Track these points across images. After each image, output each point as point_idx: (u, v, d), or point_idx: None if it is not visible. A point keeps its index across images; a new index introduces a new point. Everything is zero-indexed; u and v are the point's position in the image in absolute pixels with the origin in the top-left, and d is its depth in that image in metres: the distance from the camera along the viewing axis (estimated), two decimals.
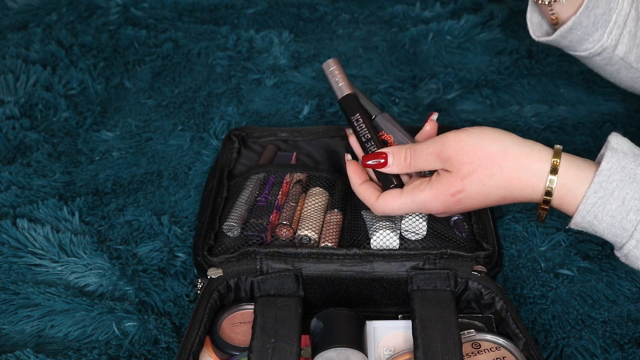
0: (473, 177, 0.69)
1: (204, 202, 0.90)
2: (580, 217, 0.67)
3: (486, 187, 0.69)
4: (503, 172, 0.68)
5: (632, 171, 0.65)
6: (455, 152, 0.69)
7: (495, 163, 0.68)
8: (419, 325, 0.70)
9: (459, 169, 0.69)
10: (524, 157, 0.68)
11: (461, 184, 0.69)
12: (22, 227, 0.87)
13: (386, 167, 0.75)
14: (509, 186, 0.69)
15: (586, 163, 0.68)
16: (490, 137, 0.69)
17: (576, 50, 0.84)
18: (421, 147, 0.73)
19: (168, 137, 1.06)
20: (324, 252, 0.76)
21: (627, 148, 0.67)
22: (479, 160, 0.68)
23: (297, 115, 1.09)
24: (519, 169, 0.68)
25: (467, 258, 0.76)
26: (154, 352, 0.75)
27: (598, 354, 0.74)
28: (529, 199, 0.69)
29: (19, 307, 0.80)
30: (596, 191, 0.66)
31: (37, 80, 1.15)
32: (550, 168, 0.67)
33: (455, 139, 0.70)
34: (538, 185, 0.68)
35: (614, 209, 0.65)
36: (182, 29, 1.29)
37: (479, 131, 0.70)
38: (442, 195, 0.71)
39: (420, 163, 0.73)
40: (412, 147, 0.74)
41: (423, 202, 0.72)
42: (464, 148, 0.69)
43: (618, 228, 0.66)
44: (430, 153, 0.71)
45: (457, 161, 0.69)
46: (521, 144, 0.69)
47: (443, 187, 0.70)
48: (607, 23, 0.80)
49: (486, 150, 0.68)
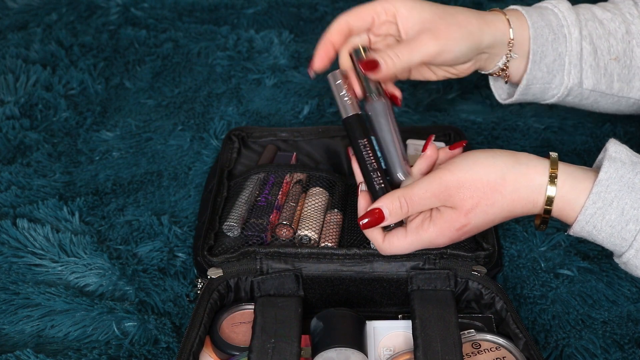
0: (477, 210, 0.68)
1: (204, 202, 0.90)
2: (579, 227, 0.67)
3: (490, 215, 0.69)
4: (504, 197, 0.68)
5: (631, 180, 0.65)
6: (455, 191, 0.68)
7: (495, 191, 0.67)
8: (419, 325, 0.70)
9: (462, 205, 0.68)
10: (522, 177, 0.67)
11: (465, 219, 0.69)
12: (22, 227, 0.87)
13: (384, 222, 0.70)
14: (511, 207, 0.68)
15: (584, 172, 0.68)
16: (485, 165, 0.68)
17: (544, 99, 0.84)
18: (415, 192, 0.69)
19: (168, 137, 1.06)
20: (324, 252, 0.76)
21: (625, 156, 0.67)
22: (480, 192, 0.68)
23: (297, 115, 1.09)
24: (518, 190, 0.67)
25: (467, 258, 0.76)
26: (154, 352, 0.75)
27: (598, 354, 0.74)
28: (530, 213, 0.69)
29: (19, 307, 0.80)
30: (595, 202, 0.65)
31: (37, 80, 1.15)
32: (548, 180, 0.67)
33: (451, 177, 0.68)
34: (538, 199, 0.68)
35: (613, 219, 0.65)
36: (182, 29, 1.29)
37: (472, 162, 0.69)
38: (447, 232, 0.70)
39: (418, 207, 0.70)
40: (405, 194, 0.69)
41: (429, 240, 0.71)
42: (464, 184, 0.68)
43: (617, 238, 0.66)
44: (428, 197, 0.69)
45: (459, 198, 0.68)
46: (516, 164, 0.68)
47: (447, 224, 0.69)
48: (562, 67, 0.81)
49: (484, 180, 0.67)
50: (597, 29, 0.81)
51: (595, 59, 0.81)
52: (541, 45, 0.80)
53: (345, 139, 0.97)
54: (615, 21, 0.81)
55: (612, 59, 0.81)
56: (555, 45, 0.80)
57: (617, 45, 0.81)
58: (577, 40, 0.80)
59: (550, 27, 0.80)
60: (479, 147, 1.02)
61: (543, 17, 0.81)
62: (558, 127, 1.04)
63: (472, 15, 0.78)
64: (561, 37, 0.80)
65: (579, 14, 0.81)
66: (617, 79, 0.82)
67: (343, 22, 0.77)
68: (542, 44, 0.80)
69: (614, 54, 0.81)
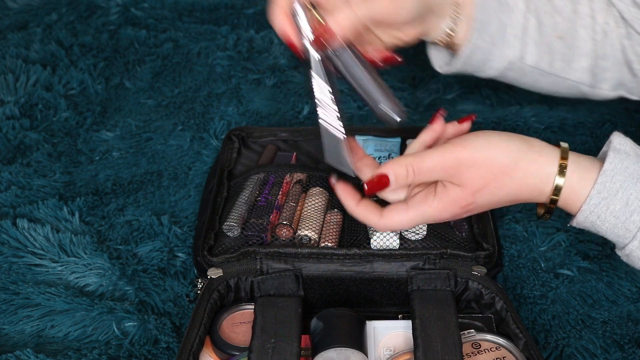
0: (484, 191, 0.67)
1: (204, 202, 0.90)
2: (583, 217, 0.67)
3: (496, 197, 0.68)
4: (513, 181, 0.67)
5: (636, 171, 0.65)
6: (466, 168, 0.67)
7: (506, 174, 0.67)
8: (419, 325, 0.70)
9: (470, 184, 0.67)
10: (533, 164, 0.67)
11: (472, 198, 0.68)
12: (22, 227, 0.87)
13: (389, 187, 0.69)
14: (518, 192, 0.68)
15: (590, 162, 0.68)
16: (500, 147, 0.67)
17: (485, 72, 0.83)
18: (426, 162, 0.68)
19: (168, 137, 1.06)
20: (324, 252, 0.76)
21: (629, 148, 0.67)
22: (491, 174, 0.67)
23: (297, 115, 1.09)
24: (527, 177, 0.67)
25: (467, 258, 0.76)
26: (154, 352, 0.75)
27: (598, 354, 0.74)
28: (535, 200, 0.69)
29: (19, 307, 0.80)
30: (600, 192, 0.65)
31: (37, 80, 1.15)
32: (557, 170, 0.67)
33: (464, 154, 0.67)
34: (545, 188, 0.67)
35: (617, 209, 0.65)
36: (182, 29, 1.29)
37: (487, 142, 0.67)
38: (450, 208, 0.69)
39: (424, 178, 0.69)
40: (414, 162, 0.68)
41: (432, 216, 0.69)
42: (476, 163, 0.66)
43: (621, 229, 0.66)
44: (438, 170, 0.67)
45: (469, 177, 0.67)
46: (529, 151, 0.67)
47: (452, 201, 0.68)
48: (504, 38, 0.79)
49: (497, 162, 0.67)
50: (544, 4, 0.80)
51: (539, 34, 0.80)
52: (485, 13, 0.78)
53: None
54: None
55: (556, 36, 0.80)
56: (499, 15, 0.79)
57: (563, 23, 0.80)
58: (522, 12, 0.79)
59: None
60: None
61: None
62: (558, 127, 1.04)
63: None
64: (506, 7, 0.79)
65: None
66: (560, 57, 0.81)
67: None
68: (487, 12, 0.78)
69: (559, 31, 0.80)
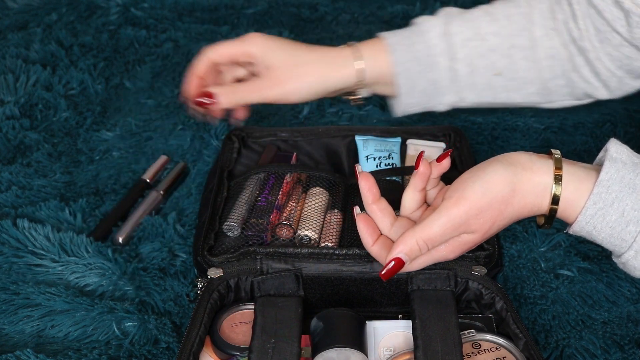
0: (493, 227, 0.68)
1: (204, 202, 0.90)
2: (579, 227, 0.67)
3: (500, 227, 0.69)
4: (514, 207, 0.67)
5: (632, 181, 0.65)
6: (475, 218, 0.66)
7: (507, 204, 0.67)
8: (419, 325, 0.70)
9: (482, 229, 0.67)
10: (528, 183, 0.67)
11: (482, 239, 0.69)
12: (23, 227, 0.87)
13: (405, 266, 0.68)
14: (519, 214, 0.68)
15: (586, 172, 0.67)
16: (496, 182, 0.66)
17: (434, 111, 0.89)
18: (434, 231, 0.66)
19: (168, 137, 1.06)
20: (324, 252, 0.76)
21: (626, 157, 0.66)
22: (497, 212, 0.67)
23: (297, 115, 1.09)
24: (525, 197, 0.67)
25: (467, 258, 0.76)
26: (154, 352, 0.75)
27: (598, 355, 0.74)
28: (535, 214, 0.69)
29: (19, 307, 0.80)
30: (595, 202, 0.65)
31: (37, 80, 1.15)
32: (553, 181, 0.67)
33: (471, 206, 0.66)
34: (543, 202, 0.67)
35: (613, 220, 0.65)
36: (182, 29, 1.29)
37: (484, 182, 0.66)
38: (460, 250, 0.69)
39: (437, 244, 0.68)
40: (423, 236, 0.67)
41: (441, 257, 0.70)
42: (482, 209, 0.66)
43: (617, 239, 0.66)
44: (449, 232, 0.67)
45: (479, 224, 0.67)
46: (521, 170, 0.67)
47: (463, 245, 0.69)
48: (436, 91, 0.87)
49: (499, 198, 0.66)
50: (477, 47, 0.84)
51: (472, 78, 0.85)
52: (409, 79, 0.85)
53: (346, 139, 0.97)
54: (500, 35, 0.84)
55: (494, 74, 0.85)
56: (425, 74, 0.85)
57: (500, 61, 0.84)
58: (446, 67, 0.85)
59: (417, 60, 0.85)
60: (479, 147, 1.02)
61: (410, 49, 0.85)
62: (558, 127, 1.04)
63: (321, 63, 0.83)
64: (430, 66, 0.85)
65: (455, 35, 0.84)
66: (502, 90, 0.86)
67: (206, 59, 0.84)
68: (410, 77, 0.85)
69: (497, 69, 0.84)
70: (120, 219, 0.91)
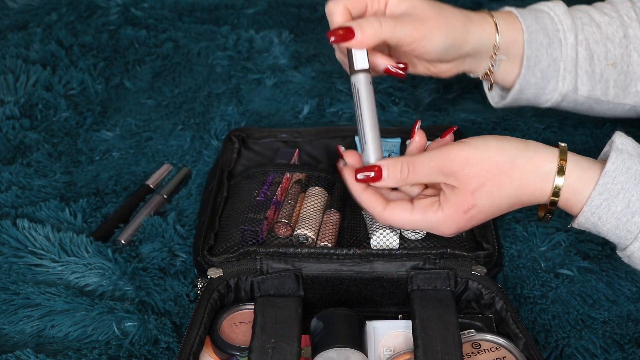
0: (482, 190, 0.67)
1: (204, 202, 0.90)
2: (584, 219, 0.67)
3: (496, 199, 0.68)
4: (512, 182, 0.67)
5: (638, 172, 0.65)
6: (461, 166, 0.67)
7: (503, 174, 0.67)
8: (419, 325, 0.70)
9: (467, 183, 0.67)
10: (530, 163, 0.67)
11: (472, 199, 0.68)
12: (23, 227, 0.87)
13: (380, 181, 0.70)
14: (518, 193, 0.68)
15: (591, 163, 0.68)
16: (496, 148, 0.67)
17: (538, 104, 0.84)
18: (421, 161, 0.68)
19: (168, 137, 1.06)
20: (324, 252, 0.76)
21: (631, 148, 0.67)
22: (487, 173, 0.67)
23: (297, 115, 1.09)
24: (526, 176, 0.67)
25: (467, 258, 0.76)
26: (154, 352, 0.75)
27: (598, 354, 0.74)
28: (536, 202, 0.69)
29: (19, 307, 0.80)
30: (601, 193, 0.65)
31: (37, 80, 1.15)
32: (556, 169, 0.67)
33: (459, 152, 0.67)
34: (545, 188, 0.67)
35: (618, 211, 0.65)
36: (182, 29, 1.29)
37: (482, 143, 0.68)
38: (455, 215, 0.69)
39: (420, 178, 0.69)
40: (409, 160, 0.69)
41: (435, 224, 0.70)
42: (470, 161, 0.67)
43: (622, 230, 0.66)
44: (432, 167, 0.68)
45: (464, 175, 0.67)
46: (525, 150, 0.68)
47: (454, 206, 0.68)
48: (556, 73, 0.80)
49: (493, 161, 0.67)
50: (594, 33, 0.81)
51: (591, 65, 0.81)
52: (535, 50, 0.80)
53: (346, 139, 0.97)
54: (612, 24, 0.81)
55: (608, 64, 0.81)
56: (550, 51, 0.80)
57: (615, 50, 0.81)
58: (573, 46, 0.80)
59: (545, 32, 0.80)
60: None
61: (538, 20, 0.80)
62: (558, 127, 1.04)
63: (460, 14, 0.78)
64: (556, 42, 0.80)
65: (575, 18, 0.81)
66: (613, 85, 0.82)
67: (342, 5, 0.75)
68: (537, 48, 0.80)
69: (611, 59, 0.81)
70: (122, 221, 0.91)
